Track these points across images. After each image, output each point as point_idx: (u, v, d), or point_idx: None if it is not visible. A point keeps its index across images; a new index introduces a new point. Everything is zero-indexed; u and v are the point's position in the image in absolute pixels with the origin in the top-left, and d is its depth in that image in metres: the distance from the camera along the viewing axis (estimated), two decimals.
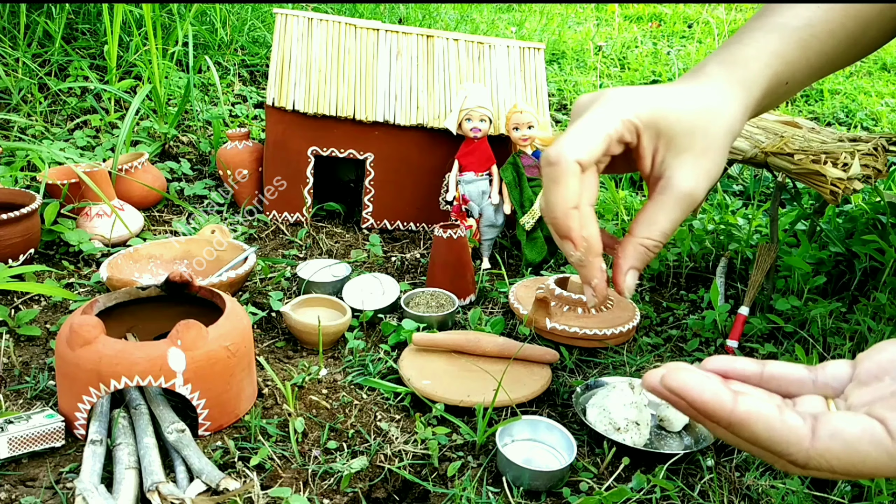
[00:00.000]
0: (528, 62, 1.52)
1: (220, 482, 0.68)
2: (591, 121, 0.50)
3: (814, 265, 1.18)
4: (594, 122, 0.50)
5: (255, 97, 2.10)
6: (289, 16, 1.42)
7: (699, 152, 0.52)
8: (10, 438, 0.72)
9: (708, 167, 0.52)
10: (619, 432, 0.79)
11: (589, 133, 0.49)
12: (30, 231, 1.14)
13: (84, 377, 0.74)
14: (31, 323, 1.02)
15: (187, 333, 0.76)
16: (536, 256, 1.31)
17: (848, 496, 0.72)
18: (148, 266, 1.14)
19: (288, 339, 1.04)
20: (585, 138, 0.49)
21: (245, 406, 0.83)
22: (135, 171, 1.41)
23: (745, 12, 4.26)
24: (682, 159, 0.51)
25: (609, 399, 0.83)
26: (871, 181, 1.00)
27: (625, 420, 0.80)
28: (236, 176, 1.47)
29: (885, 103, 2.62)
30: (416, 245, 1.44)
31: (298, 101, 1.36)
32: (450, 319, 1.09)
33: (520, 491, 0.73)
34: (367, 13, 2.70)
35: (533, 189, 1.31)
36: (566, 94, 2.48)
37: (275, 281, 1.21)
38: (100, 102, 1.82)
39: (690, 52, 3.13)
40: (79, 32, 1.99)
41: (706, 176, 0.52)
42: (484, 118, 1.34)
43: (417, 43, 1.48)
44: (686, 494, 0.74)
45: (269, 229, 1.43)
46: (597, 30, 3.56)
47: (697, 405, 0.36)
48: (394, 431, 0.82)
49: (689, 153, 0.52)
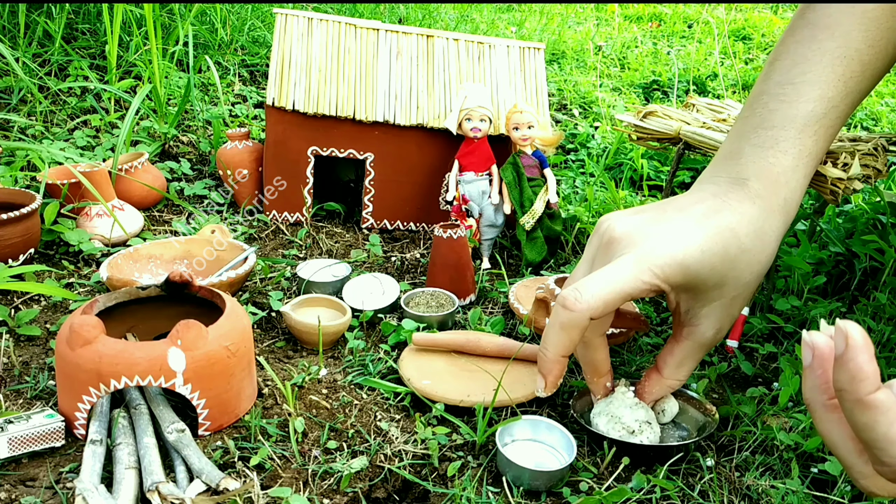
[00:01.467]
0: (528, 62, 1.52)
1: (220, 482, 0.68)
2: (614, 275, 0.50)
3: (814, 265, 1.18)
4: (617, 278, 0.50)
5: (255, 97, 2.10)
6: (289, 16, 1.42)
7: (728, 302, 0.52)
8: (10, 438, 0.72)
9: (732, 312, 0.54)
10: (634, 435, 0.79)
11: (610, 289, 0.50)
12: (30, 231, 1.14)
13: (84, 377, 0.74)
14: (31, 323, 1.02)
15: (187, 333, 0.76)
16: (536, 256, 1.31)
17: (848, 496, 0.72)
18: (148, 266, 1.14)
19: (288, 339, 1.04)
20: (605, 294, 0.50)
21: (245, 406, 0.83)
22: (135, 171, 1.41)
23: (745, 12, 4.26)
24: (710, 309, 0.53)
25: (613, 405, 0.82)
26: (871, 181, 1.00)
27: (637, 422, 0.79)
28: (236, 176, 1.47)
29: (885, 103, 2.62)
30: (416, 245, 1.44)
31: (298, 100, 1.36)
32: (450, 319, 1.09)
33: (520, 491, 0.73)
34: (367, 13, 2.70)
35: (533, 189, 1.31)
36: (566, 94, 2.48)
37: (275, 281, 1.21)
38: (100, 102, 1.82)
39: (690, 52, 3.13)
40: (79, 32, 1.99)
41: (729, 320, 0.55)
42: (484, 118, 1.34)
43: (417, 43, 1.48)
44: (686, 494, 0.74)
45: (269, 229, 1.43)
46: (597, 30, 3.56)
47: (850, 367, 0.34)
48: (394, 431, 0.82)
49: (718, 302, 0.52)
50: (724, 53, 3.12)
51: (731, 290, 0.52)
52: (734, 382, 0.98)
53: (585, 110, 2.37)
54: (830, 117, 0.58)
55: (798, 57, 0.59)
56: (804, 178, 0.57)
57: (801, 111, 0.57)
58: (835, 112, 0.58)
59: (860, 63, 0.58)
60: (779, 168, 0.56)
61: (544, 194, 1.31)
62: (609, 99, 2.43)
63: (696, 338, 0.54)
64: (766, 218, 0.54)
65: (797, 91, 0.58)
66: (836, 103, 0.58)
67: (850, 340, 0.34)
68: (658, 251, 0.50)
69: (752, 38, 3.62)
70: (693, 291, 0.52)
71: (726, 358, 1.03)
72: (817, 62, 0.58)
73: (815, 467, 0.76)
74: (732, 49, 3.24)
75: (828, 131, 0.58)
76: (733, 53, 3.15)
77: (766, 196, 0.54)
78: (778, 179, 0.55)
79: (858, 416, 0.34)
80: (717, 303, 0.52)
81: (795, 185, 0.56)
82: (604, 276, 0.50)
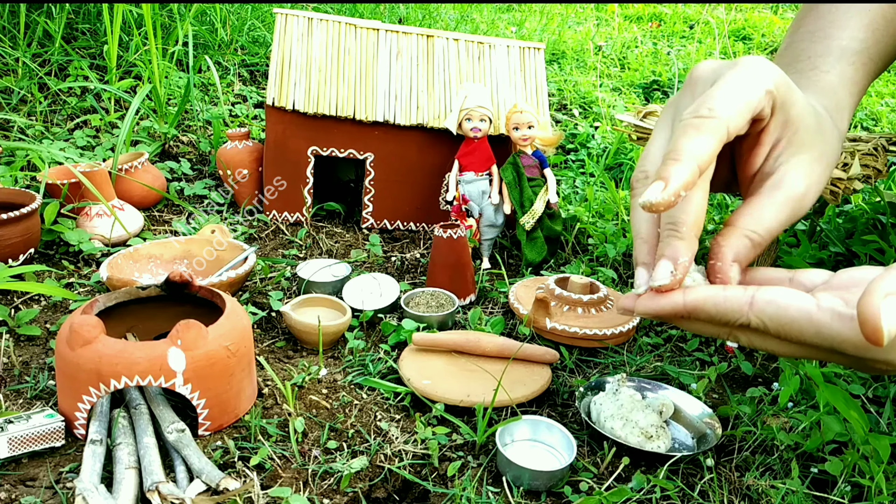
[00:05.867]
0: (528, 62, 1.52)
1: (220, 482, 0.68)
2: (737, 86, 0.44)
3: (814, 265, 1.18)
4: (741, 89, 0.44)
5: (255, 97, 2.10)
6: (289, 16, 1.42)
7: (817, 156, 0.49)
8: (10, 438, 0.72)
9: (820, 175, 0.49)
10: (651, 440, 0.79)
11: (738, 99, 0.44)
12: (30, 231, 1.14)
13: (84, 377, 0.74)
14: (31, 323, 1.02)
15: (187, 333, 0.76)
16: (536, 256, 1.31)
17: (848, 496, 0.72)
18: (148, 266, 1.14)
19: (288, 339, 1.04)
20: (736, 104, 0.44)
21: (245, 406, 0.83)
22: (135, 171, 1.41)
23: (745, 12, 4.26)
24: (799, 158, 0.48)
25: (624, 407, 0.82)
26: (871, 181, 1.00)
27: (653, 427, 0.79)
28: (236, 176, 1.47)
29: (885, 103, 2.62)
30: (416, 245, 1.44)
31: (298, 100, 1.36)
32: (450, 319, 1.09)
33: (520, 491, 0.73)
34: (367, 13, 2.70)
35: (533, 189, 1.31)
36: (566, 94, 2.48)
37: (275, 281, 1.21)
38: (100, 102, 1.82)
39: (690, 52, 3.13)
40: (79, 32, 1.99)
41: (818, 184, 0.49)
42: (484, 118, 1.34)
43: (417, 43, 1.48)
44: (686, 494, 0.74)
45: (269, 229, 1.43)
46: (597, 30, 3.56)
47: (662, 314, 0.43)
48: (394, 431, 0.82)
49: (808, 154, 0.48)
50: (725, 53, 3.12)
51: (819, 143, 0.49)
52: (734, 382, 0.98)
53: (585, 110, 2.37)
54: (864, 56, 0.59)
55: (823, 10, 0.62)
56: (849, 97, 0.56)
57: (834, 46, 0.59)
58: (867, 54, 0.59)
59: (884, 19, 0.60)
60: (822, 84, 0.56)
61: (544, 194, 1.31)
62: (609, 99, 2.43)
63: (785, 188, 0.47)
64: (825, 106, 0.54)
65: (827, 33, 0.60)
66: (868, 45, 0.59)
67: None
68: (769, 67, 0.46)
69: (752, 38, 3.62)
70: (791, 129, 0.47)
71: (726, 358, 1.03)
72: (844, 11, 0.60)
73: (815, 467, 0.76)
74: (732, 49, 3.24)
75: (865, 67, 0.59)
76: (733, 53, 3.15)
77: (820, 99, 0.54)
78: (827, 90, 0.55)
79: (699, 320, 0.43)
80: (807, 154, 0.48)
81: (844, 99, 0.55)
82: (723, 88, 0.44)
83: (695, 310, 0.42)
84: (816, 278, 0.45)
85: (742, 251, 0.46)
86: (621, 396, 0.83)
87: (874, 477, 0.70)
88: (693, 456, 0.78)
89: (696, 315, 0.43)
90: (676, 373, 0.96)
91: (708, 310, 0.42)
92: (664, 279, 0.43)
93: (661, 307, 0.43)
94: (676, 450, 0.81)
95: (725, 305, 0.41)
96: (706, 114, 0.43)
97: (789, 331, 0.39)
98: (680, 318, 0.44)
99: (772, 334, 0.40)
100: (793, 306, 0.39)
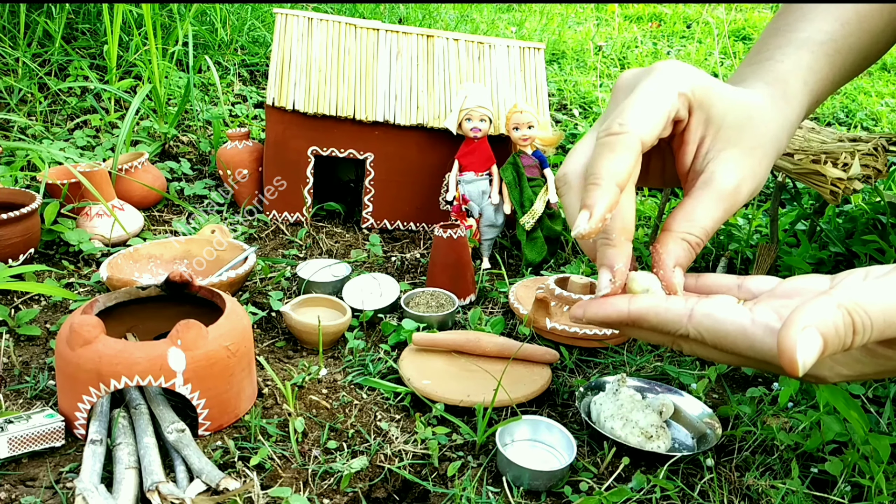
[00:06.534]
0: (528, 62, 1.52)
1: (220, 482, 0.68)
2: (648, 95, 0.46)
3: (814, 265, 1.18)
4: (653, 98, 0.45)
5: (255, 97, 2.10)
6: (289, 16, 1.42)
7: (747, 150, 0.49)
8: (10, 438, 0.72)
9: (753, 167, 0.49)
10: (651, 440, 0.79)
11: (650, 109, 0.45)
12: (30, 231, 1.14)
13: (84, 377, 0.74)
14: (31, 323, 1.02)
15: (187, 333, 0.76)
16: (536, 256, 1.31)
17: (848, 496, 0.72)
18: (148, 266, 1.14)
19: (288, 339, 1.04)
20: (647, 115, 0.45)
21: (245, 406, 0.83)
22: (135, 171, 1.41)
23: (745, 12, 4.26)
24: (728, 154, 0.48)
25: (624, 407, 0.82)
26: (871, 181, 1.00)
27: (653, 427, 0.79)
28: (236, 176, 1.47)
29: (885, 103, 2.62)
30: (416, 245, 1.44)
31: (298, 101, 1.36)
32: (450, 319, 1.09)
33: (520, 491, 0.73)
34: (367, 13, 2.70)
35: (533, 189, 1.31)
36: (566, 94, 2.48)
37: (275, 281, 1.21)
38: (100, 102, 1.82)
39: (690, 52, 3.13)
40: (79, 32, 1.99)
41: (751, 177, 0.49)
42: (484, 118, 1.34)
43: (417, 43, 1.48)
44: (686, 494, 0.74)
45: (269, 229, 1.43)
46: (597, 30, 3.56)
47: (608, 321, 0.45)
48: (394, 431, 0.82)
49: (737, 148, 0.48)
50: (724, 53, 3.12)
51: (748, 136, 0.49)
52: (734, 382, 0.98)
53: (585, 110, 2.37)
54: (829, 47, 0.59)
55: (795, 7, 0.62)
56: (803, 85, 0.56)
57: (795, 37, 0.59)
58: (832, 45, 0.59)
59: (856, 13, 0.60)
60: (774, 73, 0.56)
61: (544, 194, 1.31)
62: (609, 99, 2.43)
63: (714, 186, 0.48)
64: (765, 96, 0.54)
65: (793, 27, 0.60)
66: (835, 37, 0.59)
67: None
68: (684, 70, 0.48)
69: (751, 38, 3.62)
70: (714, 126, 0.48)
71: None
72: (813, 8, 0.61)
73: (815, 467, 0.76)
74: (732, 49, 3.24)
75: (830, 57, 0.59)
76: (733, 53, 3.15)
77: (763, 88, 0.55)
78: (777, 78, 0.56)
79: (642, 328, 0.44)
80: (735, 149, 0.49)
81: (796, 86, 0.55)
82: (638, 98, 0.46)
83: (639, 318, 0.43)
84: (763, 285, 0.47)
85: (682, 255, 0.47)
86: (621, 396, 0.83)
87: (874, 477, 0.70)
88: (693, 456, 0.78)
89: (639, 324, 0.44)
90: (676, 373, 0.96)
91: (650, 319, 0.43)
92: (605, 288, 0.45)
93: (608, 314, 0.44)
94: (676, 450, 0.81)
95: (666, 316, 0.43)
96: (617, 129, 0.44)
97: (724, 343, 0.40)
98: (626, 326, 0.45)
99: (710, 345, 0.41)
100: (728, 321, 0.40)
